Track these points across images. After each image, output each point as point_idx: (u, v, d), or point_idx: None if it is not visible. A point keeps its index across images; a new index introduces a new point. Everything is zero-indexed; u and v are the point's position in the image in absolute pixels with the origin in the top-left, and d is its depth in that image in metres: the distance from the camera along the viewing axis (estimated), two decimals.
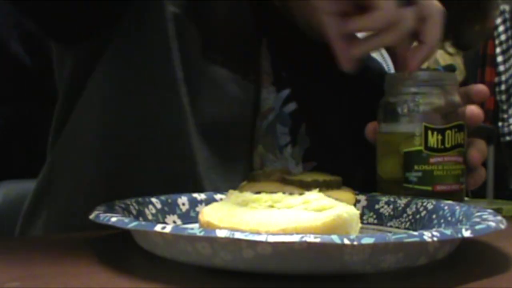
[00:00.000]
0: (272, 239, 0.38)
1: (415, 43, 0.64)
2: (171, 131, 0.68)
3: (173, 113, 0.68)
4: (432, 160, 0.61)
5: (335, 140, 0.81)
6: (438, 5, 0.63)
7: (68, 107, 0.71)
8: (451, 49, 0.86)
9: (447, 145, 0.61)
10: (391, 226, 0.58)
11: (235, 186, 0.67)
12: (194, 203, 0.59)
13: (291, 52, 0.79)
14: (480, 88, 0.67)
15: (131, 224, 0.43)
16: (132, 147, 0.68)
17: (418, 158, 0.61)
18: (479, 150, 0.65)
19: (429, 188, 0.61)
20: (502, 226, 0.46)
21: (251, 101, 0.74)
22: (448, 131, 0.61)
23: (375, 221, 0.59)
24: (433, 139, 0.61)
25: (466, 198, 0.66)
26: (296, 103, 0.79)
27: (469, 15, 0.79)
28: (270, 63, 0.78)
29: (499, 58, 2.91)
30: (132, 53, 0.67)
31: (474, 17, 0.79)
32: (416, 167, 0.61)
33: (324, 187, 0.54)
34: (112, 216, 0.45)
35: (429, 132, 0.61)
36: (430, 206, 0.56)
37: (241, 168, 0.73)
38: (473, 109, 0.64)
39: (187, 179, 0.68)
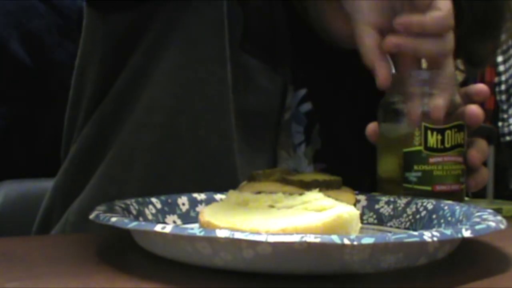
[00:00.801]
0: (272, 239, 0.38)
1: None
2: (214, 106, 0.69)
3: (218, 89, 0.69)
4: (431, 160, 0.61)
5: (346, 143, 0.81)
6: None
7: (107, 80, 0.73)
8: (463, 67, 0.85)
9: (446, 145, 0.61)
10: (391, 226, 0.58)
11: None
12: (194, 203, 0.59)
13: (310, 53, 0.80)
14: (481, 87, 0.67)
15: (131, 224, 0.43)
16: (174, 119, 0.69)
17: (418, 158, 0.61)
18: (479, 150, 0.64)
19: (429, 188, 0.61)
20: (502, 226, 0.46)
21: (279, 94, 0.74)
22: (448, 131, 0.61)
23: (375, 221, 0.59)
24: (432, 139, 0.61)
25: (466, 198, 0.66)
26: (311, 104, 0.79)
27: (480, 31, 0.78)
28: (289, 63, 0.78)
29: (499, 58, 2.90)
30: (185, 26, 0.68)
31: (485, 34, 0.78)
32: (415, 167, 0.61)
33: (324, 187, 0.54)
34: (112, 216, 0.45)
35: (429, 132, 0.61)
36: (430, 206, 0.56)
37: (265, 158, 0.74)
38: (473, 109, 0.64)
39: (222, 155, 0.69)
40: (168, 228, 0.40)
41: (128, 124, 0.71)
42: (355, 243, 0.38)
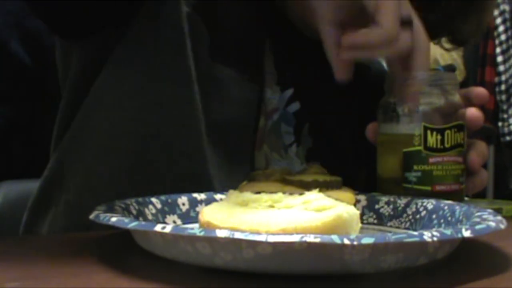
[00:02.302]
0: (272, 239, 0.38)
1: None
2: (183, 129, 0.68)
3: (186, 111, 0.68)
4: (431, 160, 0.61)
5: (338, 140, 0.81)
6: (425, 36, 0.60)
7: (75, 106, 0.72)
8: (447, 45, 0.85)
9: (446, 145, 0.61)
10: (391, 226, 0.58)
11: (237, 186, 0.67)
12: (194, 203, 0.59)
13: (294, 52, 0.79)
14: (480, 91, 0.67)
15: (131, 224, 0.43)
16: (143, 144, 0.68)
17: (418, 158, 0.61)
18: (479, 153, 0.64)
19: (429, 188, 0.61)
20: (502, 226, 0.46)
21: (255, 102, 0.74)
22: (448, 131, 0.61)
23: (375, 221, 0.59)
24: (432, 139, 0.61)
25: (466, 198, 0.66)
26: (299, 103, 0.79)
27: (463, 9, 0.78)
28: (274, 63, 0.78)
29: (499, 58, 2.90)
30: (146, 50, 0.68)
31: (468, 12, 0.79)
32: (415, 167, 0.61)
33: (324, 187, 0.54)
34: (112, 216, 0.45)
35: (429, 132, 0.61)
36: (430, 206, 0.56)
37: (244, 169, 0.73)
38: (473, 112, 0.64)
39: (197, 177, 0.69)
40: (168, 228, 0.40)
41: (90, 149, 0.69)
42: (355, 243, 0.38)
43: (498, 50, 2.92)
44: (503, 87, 2.89)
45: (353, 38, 0.57)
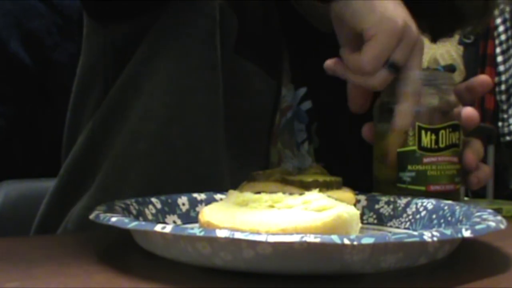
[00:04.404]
0: (272, 239, 0.38)
1: None
2: (204, 116, 0.70)
3: (208, 100, 0.70)
4: (425, 160, 0.60)
5: (345, 142, 0.81)
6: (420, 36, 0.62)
7: (95, 90, 0.74)
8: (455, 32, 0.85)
9: (441, 145, 0.61)
10: (391, 226, 0.58)
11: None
12: (194, 203, 0.59)
13: (309, 52, 0.80)
14: (483, 78, 0.66)
15: (131, 224, 0.43)
16: (166, 129, 0.69)
17: (412, 158, 0.61)
18: (474, 151, 0.64)
19: (423, 188, 0.60)
20: (502, 226, 0.46)
21: (272, 96, 0.75)
22: (442, 131, 0.61)
23: (375, 221, 0.59)
24: (426, 139, 0.60)
25: (466, 198, 0.66)
26: (311, 102, 0.79)
27: None
28: (289, 62, 0.79)
29: (499, 58, 2.90)
30: (179, 36, 0.69)
31: None
32: (409, 167, 0.61)
33: (324, 187, 0.54)
34: (112, 216, 0.45)
35: (423, 132, 0.60)
36: (430, 206, 0.56)
37: (258, 162, 0.74)
38: (469, 111, 0.64)
39: (209, 163, 0.70)
40: (168, 228, 0.40)
41: (123, 133, 0.71)
42: (355, 243, 0.38)
43: (498, 50, 2.92)
44: (503, 87, 2.89)
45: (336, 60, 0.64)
